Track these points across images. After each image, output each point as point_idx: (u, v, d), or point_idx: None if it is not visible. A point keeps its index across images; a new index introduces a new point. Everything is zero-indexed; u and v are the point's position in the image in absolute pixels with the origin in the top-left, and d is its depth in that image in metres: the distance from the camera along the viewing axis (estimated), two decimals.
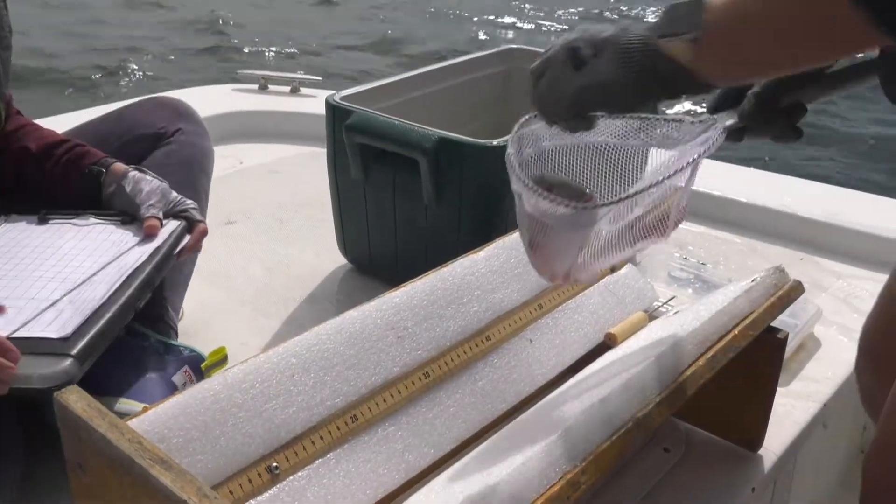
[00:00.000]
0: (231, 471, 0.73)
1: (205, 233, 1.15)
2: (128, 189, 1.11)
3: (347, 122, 1.36)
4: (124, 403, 1.01)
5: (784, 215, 1.67)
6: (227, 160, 1.95)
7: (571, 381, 0.91)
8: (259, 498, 0.74)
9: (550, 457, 0.69)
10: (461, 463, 0.80)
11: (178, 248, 1.08)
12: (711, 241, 1.60)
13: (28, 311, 0.93)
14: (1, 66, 1.12)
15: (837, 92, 0.84)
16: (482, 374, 0.91)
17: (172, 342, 1.09)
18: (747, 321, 0.92)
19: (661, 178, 0.74)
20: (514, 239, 1.05)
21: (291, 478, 0.76)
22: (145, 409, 0.73)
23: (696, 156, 0.75)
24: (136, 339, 1.06)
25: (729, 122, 0.82)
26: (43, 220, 1.11)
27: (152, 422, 0.72)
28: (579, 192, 0.81)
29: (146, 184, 1.12)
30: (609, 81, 0.71)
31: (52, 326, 0.92)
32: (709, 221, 1.67)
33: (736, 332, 0.90)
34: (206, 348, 1.15)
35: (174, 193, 1.13)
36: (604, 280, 1.10)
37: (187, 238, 1.12)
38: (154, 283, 1.04)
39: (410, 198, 1.36)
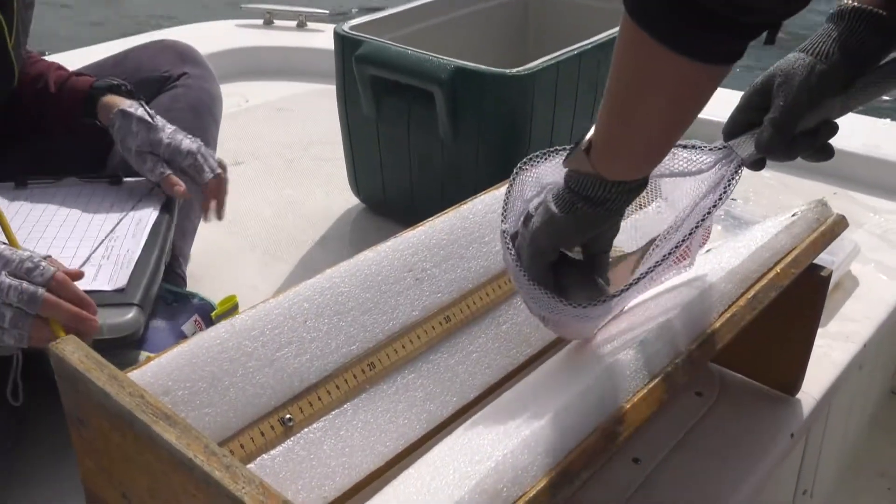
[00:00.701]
0: (241, 424, 0.69)
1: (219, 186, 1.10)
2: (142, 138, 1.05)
3: (358, 53, 1.29)
4: (142, 355, 0.97)
5: None
6: (232, 99, 1.87)
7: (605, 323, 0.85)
8: (272, 452, 0.69)
9: (585, 406, 0.64)
10: (486, 412, 0.75)
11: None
12: (742, 176, 1.53)
13: None
14: (22, 25, 1.06)
15: (873, 96, 0.72)
16: (506, 318, 0.86)
17: (182, 290, 1.04)
18: (789, 258, 0.86)
19: (670, 250, 0.74)
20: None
21: (306, 430, 0.71)
22: (149, 360, 0.68)
23: (711, 206, 0.73)
24: None
25: (746, 154, 0.74)
26: (21, 185, 1.06)
27: (155, 373, 0.67)
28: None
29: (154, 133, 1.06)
30: (545, 218, 0.70)
31: (100, 280, 0.90)
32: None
33: (778, 270, 0.84)
34: (214, 294, 1.11)
35: (163, 138, 1.06)
36: (632, 217, 1.04)
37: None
38: (170, 236, 1.03)
39: (426, 133, 1.29)
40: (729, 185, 0.75)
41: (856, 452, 1.38)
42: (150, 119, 1.04)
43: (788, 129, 0.70)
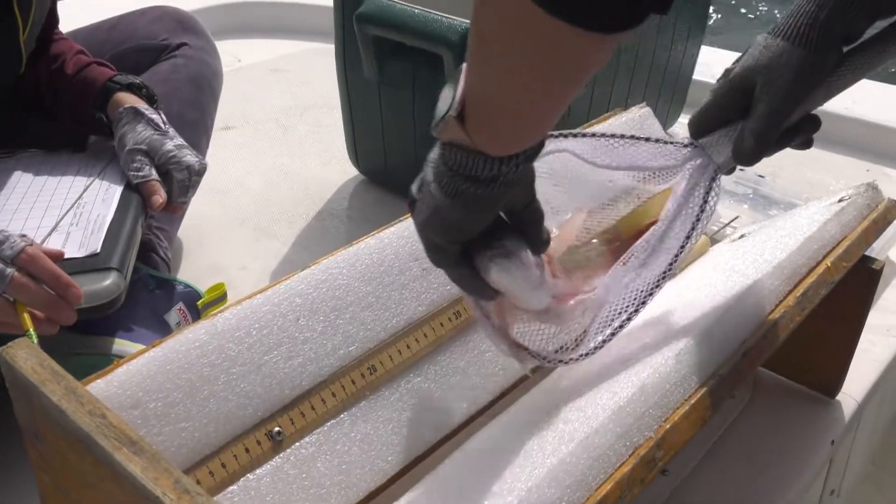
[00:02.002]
0: (224, 439, 0.60)
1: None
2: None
3: (359, 11, 1.18)
4: (119, 344, 0.88)
5: (849, 121, 1.49)
6: (223, 57, 1.75)
7: (634, 321, 0.76)
8: (258, 471, 0.61)
9: (619, 428, 0.56)
10: (504, 425, 0.66)
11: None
12: None
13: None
14: (39, 14, 0.96)
15: (860, 76, 0.64)
16: None
17: (166, 276, 0.95)
18: (840, 249, 0.77)
19: (652, 284, 0.64)
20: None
21: (297, 444, 0.63)
22: (116, 364, 0.59)
23: (693, 223, 0.64)
24: None
25: (721, 161, 0.65)
26: None
27: (123, 382, 0.58)
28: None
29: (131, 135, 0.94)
30: (431, 207, 0.56)
31: (69, 248, 0.81)
32: None
33: (829, 264, 0.75)
34: (200, 277, 1.02)
35: (168, 145, 0.94)
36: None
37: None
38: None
39: (432, 98, 1.17)
40: (708, 198, 0.66)
41: (882, 446, 1.30)
42: (161, 125, 0.94)
43: (772, 139, 0.63)
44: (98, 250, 0.81)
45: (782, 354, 0.89)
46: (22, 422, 0.58)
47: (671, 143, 0.67)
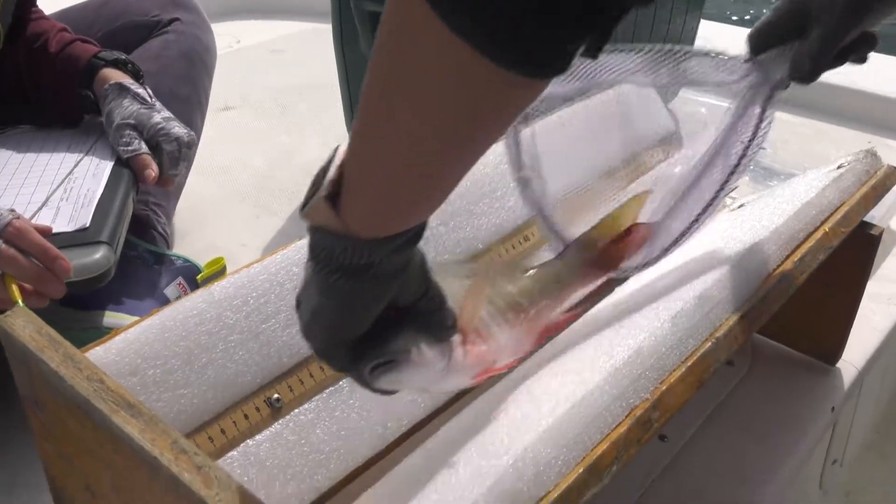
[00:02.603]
0: (222, 406, 0.61)
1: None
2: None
3: None
4: (112, 317, 0.88)
5: (850, 92, 1.48)
6: (222, 39, 1.74)
7: (629, 286, 0.76)
8: (258, 437, 0.61)
9: (615, 390, 0.56)
10: (499, 392, 0.67)
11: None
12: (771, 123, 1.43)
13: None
14: None
15: None
16: None
17: (164, 251, 0.95)
18: (839, 215, 0.77)
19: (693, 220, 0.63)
20: (553, 121, 0.88)
21: (296, 411, 0.63)
22: (114, 333, 0.60)
23: (747, 143, 0.62)
24: (123, 248, 0.92)
25: (777, 78, 0.64)
26: None
27: (121, 350, 0.58)
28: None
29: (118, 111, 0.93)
30: (311, 310, 0.50)
31: (59, 222, 0.81)
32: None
33: (827, 229, 0.75)
34: (200, 254, 1.02)
35: (156, 117, 0.93)
36: (657, 168, 0.95)
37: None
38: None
39: None
40: (765, 114, 0.65)
41: (886, 415, 1.30)
42: (148, 98, 0.93)
43: (827, 59, 0.61)
44: (87, 224, 0.80)
45: (782, 322, 0.90)
46: (22, 390, 0.59)
47: (730, 57, 0.66)
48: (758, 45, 0.65)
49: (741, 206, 0.95)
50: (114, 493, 0.54)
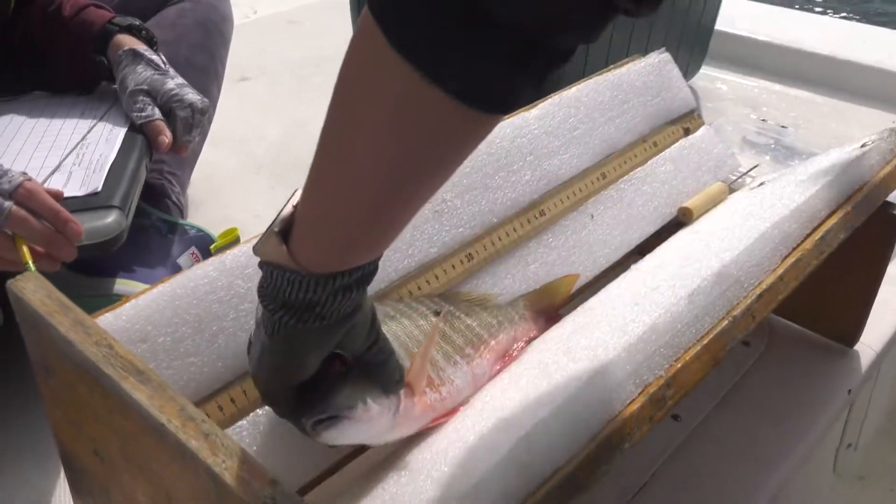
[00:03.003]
0: (232, 375, 0.60)
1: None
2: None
3: None
4: (123, 285, 0.88)
5: (874, 71, 1.45)
6: (238, 9, 1.73)
7: (644, 264, 0.75)
8: (267, 406, 0.60)
9: (629, 367, 0.55)
10: (516, 367, 0.66)
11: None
12: (790, 102, 1.40)
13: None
14: None
15: None
16: (535, 256, 0.76)
17: (178, 221, 0.95)
18: (861, 194, 0.75)
19: None
20: (571, 95, 0.87)
21: None
22: (125, 300, 0.59)
23: None
24: (137, 216, 0.92)
25: None
26: None
27: (131, 317, 0.58)
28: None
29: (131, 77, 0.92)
30: (258, 346, 0.51)
31: (70, 187, 0.81)
32: (786, 78, 1.45)
33: (849, 209, 0.73)
34: (213, 224, 1.01)
35: (169, 83, 0.92)
36: (676, 144, 0.93)
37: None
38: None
39: None
40: None
41: None
42: (161, 65, 0.92)
43: None
44: (100, 189, 0.80)
45: (800, 302, 0.89)
46: (33, 356, 0.59)
47: None
48: None
49: (761, 184, 0.93)
50: (122, 459, 0.54)
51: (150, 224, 0.91)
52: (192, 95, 0.91)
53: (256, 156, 1.30)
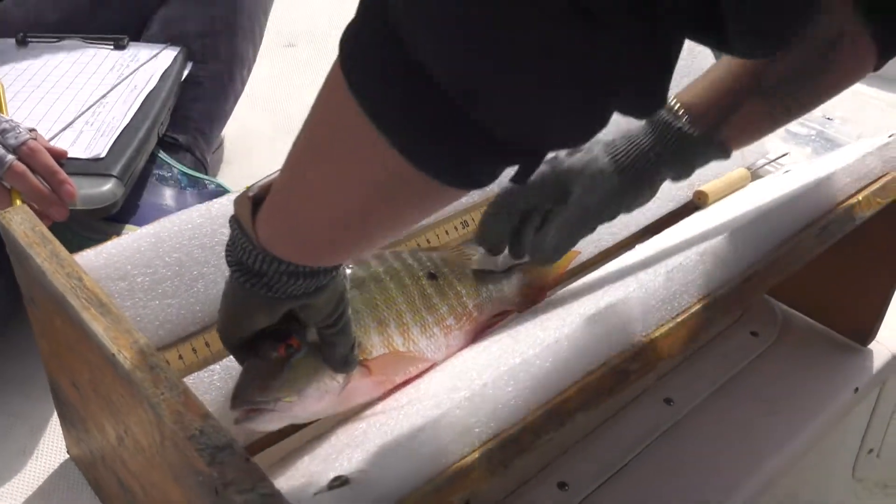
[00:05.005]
0: (209, 320, 0.62)
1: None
2: None
3: None
4: (132, 230, 0.91)
5: None
6: None
7: (640, 246, 0.74)
8: None
9: (590, 337, 0.54)
10: (494, 333, 0.66)
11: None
12: (842, 93, 1.35)
13: (41, 132, 0.83)
14: None
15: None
16: None
17: (197, 175, 0.97)
18: (877, 185, 0.72)
19: None
20: None
21: None
22: (109, 239, 0.61)
23: None
24: (158, 168, 0.95)
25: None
26: (22, 44, 0.98)
27: (112, 255, 0.60)
28: None
29: None
30: (224, 295, 0.52)
31: (78, 146, 0.83)
32: None
33: (860, 199, 0.70)
34: (238, 178, 1.03)
35: None
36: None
37: (190, 65, 0.99)
38: (169, 105, 0.93)
39: None
40: None
41: None
42: None
43: (571, 244, 0.65)
44: (103, 155, 0.82)
45: (815, 296, 0.86)
46: (22, 287, 0.61)
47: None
48: (503, 205, 0.64)
49: (787, 172, 0.91)
50: (92, 391, 0.56)
51: (171, 176, 0.93)
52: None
53: (292, 120, 1.32)
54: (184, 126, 0.99)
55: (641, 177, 0.63)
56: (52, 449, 0.72)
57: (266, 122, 1.30)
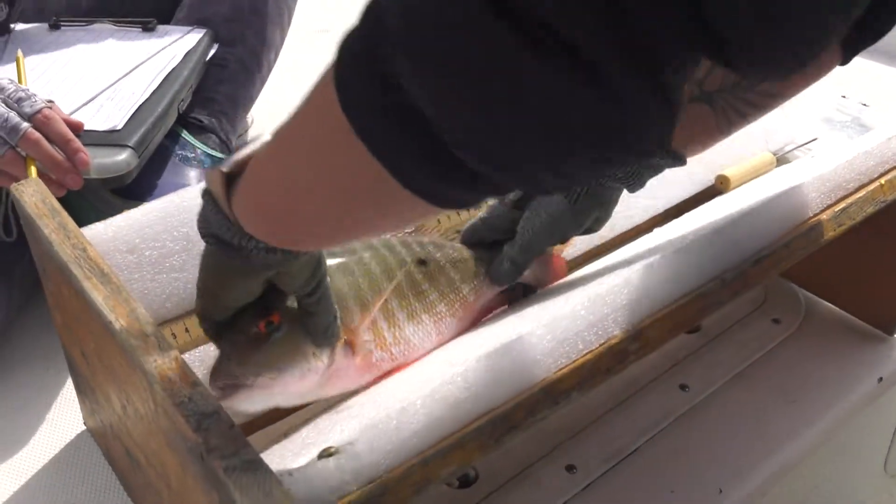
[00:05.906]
0: None
1: None
2: None
3: None
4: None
5: None
6: None
7: (659, 230, 0.73)
8: None
9: (592, 316, 0.54)
10: (504, 314, 0.66)
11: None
12: (880, 79, 1.31)
13: (64, 108, 0.84)
14: None
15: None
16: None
17: (220, 155, 0.98)
18: None
19: None
20: None
21: None
22: (120, 213, 0.62)
23: None
24: (182, 148, 0.96)
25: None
26: (55, 27, 1.00)
27: (121, 227, 0.61)
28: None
29: None
30: (201, 270, 0.50)
31: (97, 120, 0.85)
32: (877, 54, 1.35)
33: (882, 182, 0.68)
34: None
35: None
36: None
37: (216, 47, 1.00)
38: (191, 84, 0.94)
39: None
40: None
41: None
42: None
43: (526, 266, 0.65)
44: (120, 127, 0.83)
45: (840, 283, 0.84)
46: (35, 259, 0.63)
47: None
48: (471, 241, 0.67)
49: (814, 157, 0.88)
50: (97, 360, 0.57)
51: (195, 157, 0.94)
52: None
53: None
54: (209, 108, 1.00)
55: (590, 195, 0.63)
56: (69, 420, 0.74)
57: (293, 103, 1.31)
